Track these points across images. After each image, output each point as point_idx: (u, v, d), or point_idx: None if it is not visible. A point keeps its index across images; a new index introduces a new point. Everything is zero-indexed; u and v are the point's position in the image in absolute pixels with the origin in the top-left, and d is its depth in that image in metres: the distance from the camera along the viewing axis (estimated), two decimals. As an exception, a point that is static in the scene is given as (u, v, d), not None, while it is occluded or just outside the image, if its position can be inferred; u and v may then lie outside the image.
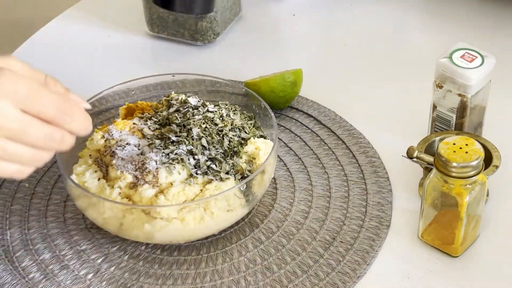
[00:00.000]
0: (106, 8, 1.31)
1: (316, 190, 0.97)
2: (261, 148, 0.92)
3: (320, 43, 1.23)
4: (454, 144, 0.84)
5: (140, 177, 0.87)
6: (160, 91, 1.07)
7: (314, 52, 1.21)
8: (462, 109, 0.95)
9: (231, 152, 0.91)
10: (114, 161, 0.89)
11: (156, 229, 0.85)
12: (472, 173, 0.83)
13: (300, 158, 1.01)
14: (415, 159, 0.89)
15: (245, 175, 0.90)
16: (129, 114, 0.98)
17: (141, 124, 0.94)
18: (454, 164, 0.83)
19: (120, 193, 0.87)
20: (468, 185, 0.84)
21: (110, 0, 1.33)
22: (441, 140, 0.91)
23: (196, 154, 0.89)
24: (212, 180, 0.88)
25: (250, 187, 0.89)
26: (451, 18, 1.25)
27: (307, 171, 0.99)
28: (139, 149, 0.90)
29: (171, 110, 0.95)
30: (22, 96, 0.70)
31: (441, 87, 0.95)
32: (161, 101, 0.98)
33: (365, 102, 1.10)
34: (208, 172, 0.88)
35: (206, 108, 0.94)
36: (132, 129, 0.93)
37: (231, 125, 0.93)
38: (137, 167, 0.88)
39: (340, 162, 1.00)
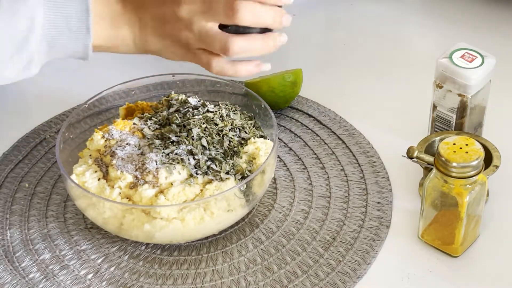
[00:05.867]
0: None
1: (316, 190, 0.97)
2: (261, 148, 0.92)
3: (320, 43, 1.23)
4: (454, 144, 0.84)
5: (140, 177, 0.87)
6: (160, 91, 1.07)
7: (314, 52, 1.20)
8: (462, 109, 0.95)
9: (231, 152, 0.91)
10: (114, 161, 0.89)
11: (156, 229, 0.85)
12: (472, 173, 0.83)
13: (300, 158, 1.01)
14: (415, 159, 0.89)
15: (245, 175, 0.89)
16: (129, 114, 0.98)
17: (141, 124, 0.94)
18: (454, 164, 0.83)
19: (120, 193, 0.87)
20: (468, 185, 0.84)
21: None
22: (441, 140, 0.91)
23: (196, 154, 0.89)
24: (212, 180, 0.88)
25: (250, 187, 0.89)
26: (451, 18, 1.25)
27: (307, 171, 0.99)
28: (139, 149, 0.90)
29: (171, 110, 0.95)
30: None
31: (441, 87, 0.95)
32: (161, 101, 0.98)
33: (365, 102, 1.10)
34: (208, 172, 0.88)
35: (206, 108, 0.94)
36: (132, 129, 0.93)
37: (231, 125, 0.93)
38: (137, 167, 0.88)
39: (340, 162, 1.00)
